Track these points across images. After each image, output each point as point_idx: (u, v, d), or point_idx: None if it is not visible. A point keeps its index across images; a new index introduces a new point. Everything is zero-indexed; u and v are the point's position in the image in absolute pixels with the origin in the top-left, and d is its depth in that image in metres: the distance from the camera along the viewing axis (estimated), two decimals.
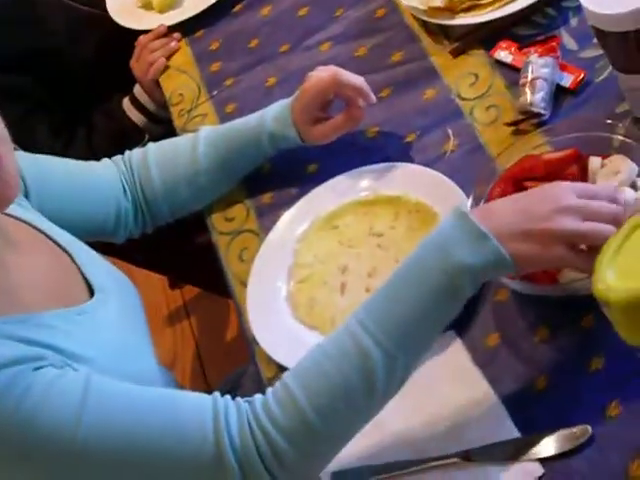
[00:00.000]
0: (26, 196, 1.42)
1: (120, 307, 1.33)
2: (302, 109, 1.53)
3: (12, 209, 1.30)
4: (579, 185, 1.17)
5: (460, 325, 1.29)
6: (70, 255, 1.33)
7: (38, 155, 1.50)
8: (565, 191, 1.14)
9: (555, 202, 1.13)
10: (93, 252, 1.41)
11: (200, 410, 1.12)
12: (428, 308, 1.13)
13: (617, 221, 1.12)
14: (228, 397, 1.15)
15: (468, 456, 1.19)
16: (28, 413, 1.06)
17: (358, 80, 1.52)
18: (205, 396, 1.15)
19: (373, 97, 1.53)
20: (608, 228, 1.11)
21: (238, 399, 1.15)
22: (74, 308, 1.24)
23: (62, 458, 1.07)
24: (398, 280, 1.15)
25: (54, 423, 1.06)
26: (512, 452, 1.17)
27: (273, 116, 1.56)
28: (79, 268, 1.32)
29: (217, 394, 1.15)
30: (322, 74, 1.53)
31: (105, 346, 1.23)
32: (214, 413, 1.12)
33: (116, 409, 1.10)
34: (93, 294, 1.29)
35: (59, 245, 1.34)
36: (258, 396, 1.15)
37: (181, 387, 1.52)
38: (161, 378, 1.36)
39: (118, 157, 1.62)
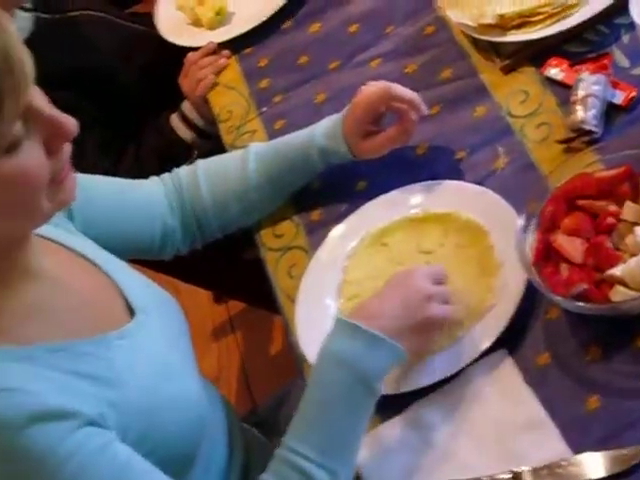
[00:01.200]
0: (70, 218, 1.42)
1: (162, 326, 1.32)
2: (354, 122, 1.53)
3: (55, 234, 1.31)
4: (431, 270, 1.33)
5: (511, 344, 1.28)
6: (111, 276, 1.32)
7: (82, 175, 1.51)
8: (424, 279, 1.30)
9: (421, 292, 1.29)
10: (134, 271, 1.41)
11: None
12: (354, 417, 1.24)
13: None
14: None
15: (519, 476, 1.18)
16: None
17: (410, 92, 1.52)
18: None
19: (425, 109, 1.53)
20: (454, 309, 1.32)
21: None
22: (114, 333, 1.22)
23: None
24: (314, 402, 1.26)
25: None
26: (562, 473, 1.16)
27: (323, 131, 1.56)
28: (120, 289, 1.31)
29: None
30: (374, 87, 1.53)
31: (145, 368, 1.22)
32: None
33: None
34: (134, 314, 1.28)
35: (100, 267, 1.33)
36: None
37: (226, 401, 1.52)
38: (204, 395, 1.35)
39: (166, 175, 1.63)
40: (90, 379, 1.13)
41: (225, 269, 2.34)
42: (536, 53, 1.58)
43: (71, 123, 1.09)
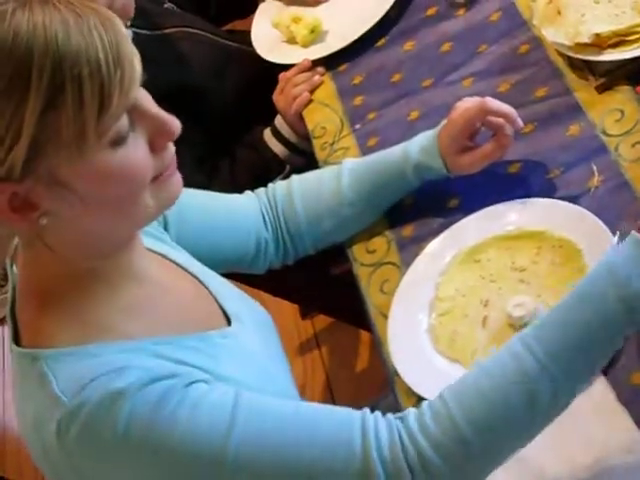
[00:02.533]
0: (165, 229, 1.45)
1: (257, 334, 1.35)
2: (450, 138, 1.54)
3: (153, 245, 1.34)
4: None
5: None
6: (206, 286, 1.36)
7: None
8: None
9: None
10: (227, 282, 1.43)
11: (348, 425, 1.13)
12: (599, 334, 1.11)
13: None
14: (378, 413, 1.15)
15: None
16: (180, 427, 1.08)
17: (506, 107, 1.53)
18: (354, 412, 1.15)
19: (521, 123, 1.53)
20: None
21: (389, 415, 1.15)
22: (217, 332, 1.26)
23: (209, 471, 1.09)
24: (570, 304, 1.13)
25: (205, 438, 1.08)
26: None
27: (418, 147, 1.57)
28: (215, 298, 1.34)
29: (367, 410, 1.15)
30: (469, 103, 1.54)
31: (248, 370, 1.24)
32: (363, 428, 1.12)
33: (265, 423, 1.11)
34: (229, 323, 1.31)
35: (196, 277, 1.36)
36: (412, 410, 1.15)
37: None
38: None
39: (261, 190, 1.65)
40: (196, 368, 1.15)
41: (313, 284, 2.36)
42: (632, 72, 1.57)
43: (175, 123, 1.11)
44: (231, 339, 1.27)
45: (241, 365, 1.24)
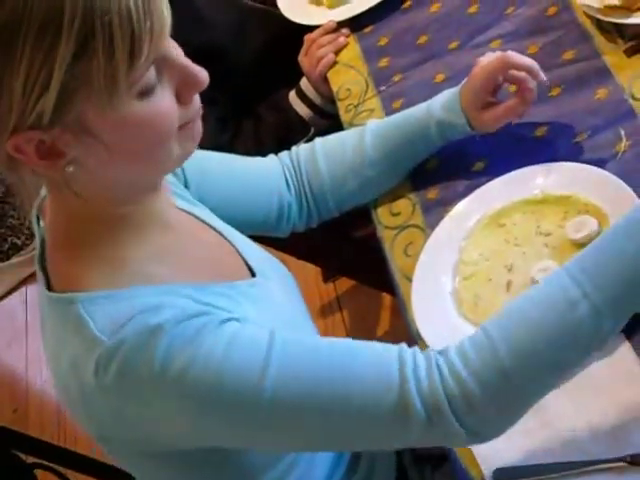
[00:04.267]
0: (186, 187, 1.46)
1: (282, 290, 1.36)
2: (472, 93, 1.52)
3: (177, 202, 1.34)
4: None
5: (629, 328, 1.27)
6: (230, 241, 1.37)
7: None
8: None
9: None
10: (250, 241, 1.44)
11: (385, 358, 1.13)
12: None
13: None
14: (416, 347, 1.15)
15: (635, 460, 1.17)
16: (217, 362, 1.09)
17: (528, 60, 1.51)
18: (391, 346, 1.15)
19: (543, 76, 1.51)
20: None
21: (428, 349, 1.15)
22: (245, 281, 1.27)
23: (246, 405, 1.10)
24: (616, 234, 1.13)
25: (241, 372, 1.09)
26: None
27: (441, 105, 1.56)
28: (240, 254, 1.35)
29: (404, 345, 1.15)
30: (491, 57, 1.53)
31: (275, 318, 1.25)
32: (400, 361, 1.12)
33: (301, 358, 1.12)
34: (254, 276, 1.32)
35: (220, 232, 1.37)
36: (452, 344, 1.15)
37: None
38: None
39: (284, 152, 1.64)
40: (228, 312, 1.16)
41: (336, 247, 2.35)
42: None
43: (203, 73, 1.12)
44: (258, 289, 1.29)
45: (269, 314, 1.25)
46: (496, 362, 1.10)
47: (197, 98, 1.14)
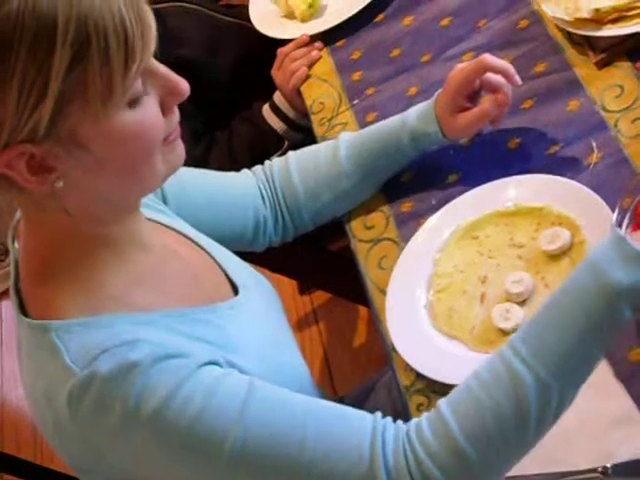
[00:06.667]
0: (164, 202, 1.45)
1: (263, 303, 1.37)
2: (447, 97, 1.53)
3: (158, 217, 1.35)
4: None
5: None
6: (212, 255, 1.37)
7: None
8: None
9: None
10: (232, 254, 1.44)
11: (360, 428, 1.12)
12: (584, 333, 1.09)
13: None
14: (389, 418, 1.15)
15: (609, 472, 1.17)
16: (193, 410, 1.08)
17: (503, 63, 1.52)
18: (367, 415, 1.15)
19: (519, 80, 1.51)
20: None
21: (399, 422, 1.15)
22: (225, 303, 1.27)
23: (213, 456, 1.09)
24: (553, 305, 1.13)
25: (215, 424, 1.08)
26: None
27: (415, 114, 1.56)
28: (222, 268, 1.36)
29: (379, 414, 1.15)
30: (467, 62, 1.54)
31: (256, 338, 1.26)
32: (372, 432, 1.11)
33: (277, 414, 1.11)
34: (237, 293, 1.33)
35: (202, 247, 1.37)
36: (414, 421, 1.14)
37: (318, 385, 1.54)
38: (307, 374, 1.38)
39: (258, 167, 1.64)
40: (207, 343, 1.16)
41: (312, 261, 2.36)
42: (631, 48, 1.56)
43: (185, 83, 1.13)
44: (238, 309, 1.28)
45: (248, 335, 1.25)
46: (452, 444, 1.09)
47: (176, 110, 1.15)
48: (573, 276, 1.13)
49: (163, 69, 1.11)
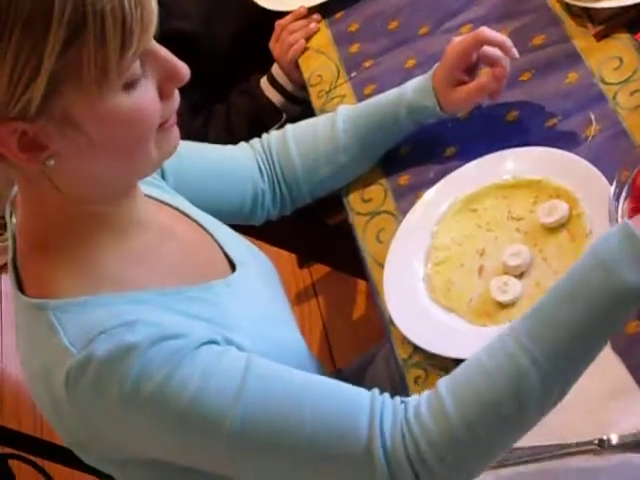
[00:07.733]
0: (163, 177, 1.45)
1: (261, 279, 1.37)
2: (445, 71, 1.52)
3: (156, 193, 1.34)
4: None
5: None
6: (209, 232, 1.37)
7: None
8: None
9: None
10: (230, 229, 1.44)
11: (358, 405, 1.12)
12: (589, 328, 1.08)
13: None
14: (387, 395, 1.14)
15: (605, 444, 1.18)
16: (191, 390, 1.08)
17: (501, 35, 1.51)
18: (364, 392, 1.14)
19: (516, 52, 1.51)
20: None
21: (396, 398, 1.14)
22: (221, 280, 1.27)
23: (213, 434, 1.09)
24: (559, 297, 1.10)
25: (213, 403, 1.08)
26: None
27: (413, 87, 1.56)
28: (219, 243, 1.35)
29: (376, 391, 1.14)
30: (465, 35, 1.53)
31: (253, 315, 1.26)
32: (371, 410, 1.11)
33: (275, 392, 1.11)
34: (234, 269, 1.32)
35: (199, 223, 1.37)
36: (413, 398, 1.13)
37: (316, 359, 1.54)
38: (305, 349, 1.39)
39: (255, 140, 1.64)
40: (204, 320, 1.16)
41: (310, 234, 2.36)
42: (631, 19, 1.55)
43: (185, 68, 1.11)
44: (235, 286, 1.28)
45: (245, 312, 1.25)
46: (449, 429, 1.08)
47: (177, 95, 1.14)
48: (582, 271, 1.10)
49: (164, 52, 1.09)
